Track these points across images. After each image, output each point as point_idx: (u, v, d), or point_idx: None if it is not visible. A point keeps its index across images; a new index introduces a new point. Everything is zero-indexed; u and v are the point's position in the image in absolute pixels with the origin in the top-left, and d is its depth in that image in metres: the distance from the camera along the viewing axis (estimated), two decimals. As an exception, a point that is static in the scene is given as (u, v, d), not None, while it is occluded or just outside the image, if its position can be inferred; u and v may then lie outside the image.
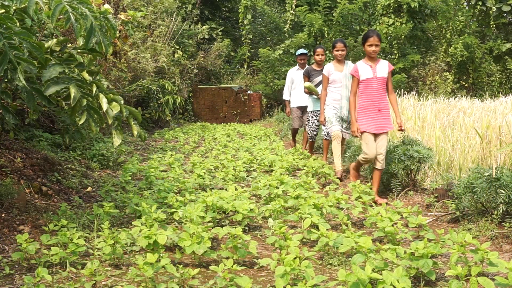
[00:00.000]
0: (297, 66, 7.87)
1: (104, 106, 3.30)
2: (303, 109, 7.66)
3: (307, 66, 7.52)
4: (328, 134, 6.46)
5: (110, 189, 4.66)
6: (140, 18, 8.28)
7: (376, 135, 4.68)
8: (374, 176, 4.70)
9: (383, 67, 4.78)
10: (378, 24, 16.25)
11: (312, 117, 6.94)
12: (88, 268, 2.54)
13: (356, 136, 4.77)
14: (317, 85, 6.79)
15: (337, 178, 5.44)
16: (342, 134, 5.87)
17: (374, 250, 2.75)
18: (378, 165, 4.65)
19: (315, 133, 6.98)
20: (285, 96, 8.07)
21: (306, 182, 4.61)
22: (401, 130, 4.79)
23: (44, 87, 3.04)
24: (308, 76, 6.94)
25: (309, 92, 6.84)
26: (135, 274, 2.48)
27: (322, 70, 6.58)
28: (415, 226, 3.38)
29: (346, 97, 5.77)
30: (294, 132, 8.30)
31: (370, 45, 4.71)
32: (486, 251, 2.53)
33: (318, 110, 6.76)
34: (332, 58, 9.11)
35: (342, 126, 5.88)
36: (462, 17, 16.97)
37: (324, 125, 6.05)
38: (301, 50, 7.82)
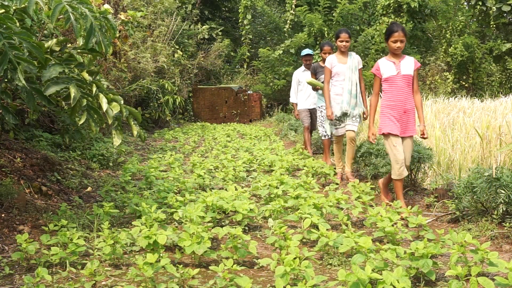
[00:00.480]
0: (302, 67, 7.59)
1: (104, 106, 3.30)
2: (311, 111, 7.39)
3: (313, 64, 7.24)
4: (326, 135, 6.33)
5: (110, 189, 4.66)
6: (140, 18, 8.26)
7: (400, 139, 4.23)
8: (396, 187, 4.22)
9: (409, 64, 4.29)
10: (378, 24, 16.25)
11: (321, 111, 6.56)
12: (88, 268, 2.54)
13: (371, 142, 4.34)
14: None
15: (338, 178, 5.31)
16: (350, 133, 5.44)
17: (374, 250, 2.75)
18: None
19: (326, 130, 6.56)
20: (292, 99, 7.72)
21: (306, 182, 4.60)
22: (424, 137, 4.26)
23: (44, 87, 3.04)
24: (314, 73, 6.68)
25: (314, 87, 6.58)
26: (135, 274, 2.48)
27: None
28: (415, 226, 3.38)
29: (348, 90, 5.42)
30: (306, 133, 7.61)
31: (395, 41, 4.22)
32: (486, 251, 2.53)
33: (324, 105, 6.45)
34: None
35: (345, 122, 5.48)
36: (462, 17, 16.97)
37: (331, 120, 5.59)
38: (307, 51, 7.52)
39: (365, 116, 5.55)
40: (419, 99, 4.31)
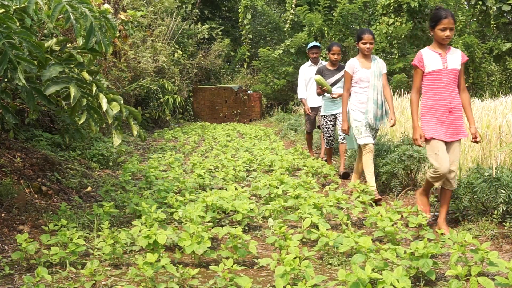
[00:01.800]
0: (309, 62, 7.15)
1: (104, 105, 3.30)
2: (317, 110, 6.93)
3: (320, 61, 7.01)
4: (344, 138, 5.84)
5: (110, 189, 4.66)
6: (140, 17, 8.27)
7: (446, 144, 3.65)
8: (443, 198, 3.72)
9: (456, 57, 3.70)
10: (378, 23, 16.25)
11: (326, 122, 6.17)
12: (88, 268, 2.54)
13: (419, 146, 3.75)
14: (331, 86, 6.11)
15: (376, 199, 4.51)
16: (370, 146, 4.79)
17: (374, 250, 2.75)
18: (448, 185, 3.68)
19: (331, 138, 6.18)
20: (301, 94, 7.08)
21: (306, 182, 4.60)
22: (476, 141, 3.70)
23: (44, 87, 3.04)
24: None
25: (321, 90, 6.00)
26: (135, 274, 2.48)
27: (337, 69, 6.08)
28: (415, 226, 3.38)
29: (374, 100, 4.78)
30: (309, 137, 7.37)
31: (443, 29, 3.59)
32: (486, 251, 2.53)
33: (332, 115, 6.10)
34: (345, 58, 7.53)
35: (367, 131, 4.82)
36: (462, 16, 16.97)
37: (347, 134, 5.08)
38: (313, 43, 7.13)
39: (392, 122, 4.78)
40: (467, 97, 3.77)
